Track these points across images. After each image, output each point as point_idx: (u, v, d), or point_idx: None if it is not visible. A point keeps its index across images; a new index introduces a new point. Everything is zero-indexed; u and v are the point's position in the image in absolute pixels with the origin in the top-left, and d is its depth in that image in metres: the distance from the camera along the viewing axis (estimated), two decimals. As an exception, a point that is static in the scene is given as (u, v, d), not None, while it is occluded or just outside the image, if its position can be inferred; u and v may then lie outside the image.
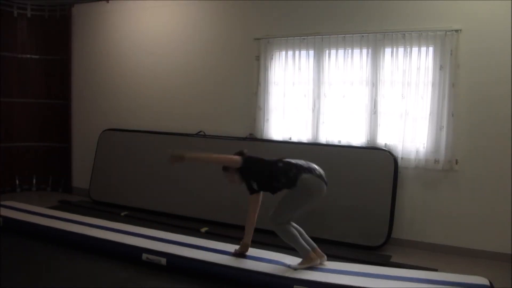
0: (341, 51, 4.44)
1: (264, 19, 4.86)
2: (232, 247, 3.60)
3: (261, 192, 3.40)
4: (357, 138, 4.41)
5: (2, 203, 4.78)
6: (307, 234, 4.26)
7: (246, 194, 4.66)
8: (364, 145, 4.35)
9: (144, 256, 3.40)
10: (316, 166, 3.21)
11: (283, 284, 2.95)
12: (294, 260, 3.26)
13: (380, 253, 4.00)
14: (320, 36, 4.51)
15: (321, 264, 3.22)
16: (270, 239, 4.21)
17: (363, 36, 4.33)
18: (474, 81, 3.96)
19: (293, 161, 3.23)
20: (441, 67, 4.03)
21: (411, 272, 3.20)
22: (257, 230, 4.46)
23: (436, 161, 4.08)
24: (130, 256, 3.50)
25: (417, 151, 4.16)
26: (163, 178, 5.22)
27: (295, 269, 3.10)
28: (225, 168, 3.38)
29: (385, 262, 3.70)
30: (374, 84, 4.28)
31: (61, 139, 6.30)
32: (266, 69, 4.77)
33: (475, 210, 3.98)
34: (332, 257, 3.66)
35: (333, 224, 4.22)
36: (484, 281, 2.94)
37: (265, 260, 3.32)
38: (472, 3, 3.95)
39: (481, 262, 3.83)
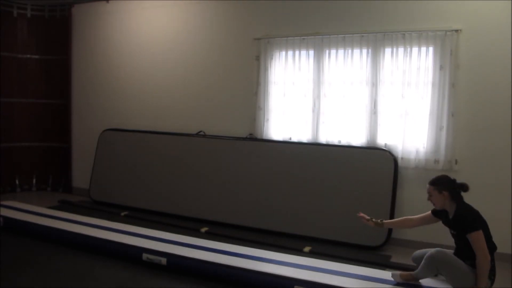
0: (341, 51, 4.44)
1: (264, 19, 4.86)
2: (232, 247, 3.61)
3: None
4: (357, 138, 4.41)
5: (2, 203, 4.78)
6: (305, 233, 4.30)
7: (246, 194, 4.69)
8: (364, 145, 4.35)
9: (145, 256, 3.40)
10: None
11: (284, 284, 2.95)
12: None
13: (380, 253, 4.00)
14: (320, 36, 4.51)
15: None
16: (271, 239, 4.22)
17: (363, 36, 4.33)
18: (474, 81, 3.96)
19: None
20: (441, 67, 4.03)
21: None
22: (257, 231, 4.49)
23: (436, 161, 4.08)
24: (131, 256, 3.50)
25: (417, 151, 4.16)
26: (163, 178, 5.22)
27: None
28: (437, 184, 3.03)
29: (385, 262, 3.70)
30: (374, 84, 4.28)
31: (61, 139, 6.30)
32: (266, 69, 4.78)
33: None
34: (332, 257, 3.67)
35: (333, 224, 4.22)
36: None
37: (266, 260, 3.32)
38: (472, 3, 3.95)
39: (481, 262, 3.82)
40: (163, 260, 3.33)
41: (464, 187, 3.00)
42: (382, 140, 4.30)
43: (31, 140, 6.32)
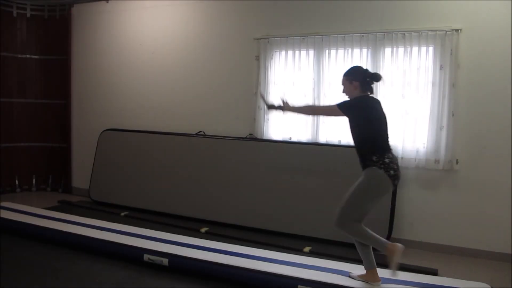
0: (341, 51, 4.44)
1: (264, 19, 4.85)
2: (234, 247, 3.61)
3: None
4: (357, 138, 4.41)
5: (1, 204, 4.76)
6: (305, 233, 4.30)
7: (246, 194, 4.69)
8: (364, 145, 4.34)
9: (146, 256, 3.40)
10: (396, 161, 2.98)
11: (287, 284, 2.95)
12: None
13: (380, 253, 3.99)
14: (320, 36, 4.51)
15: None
16: (270, 239, 4.22)
17: (363, 36, 4.33)
18: (474, 81, 3.97)
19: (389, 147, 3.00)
20: (441, 67, 4.03)
21: (411, 275, 3.21)
22: (257, 231, 4.49)
23: (436, 161, 4.09)
24: (132, 256, 3.49)
25: (417, 151, 4.16)
26: (163, 178, 5.22)
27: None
28: (349, 74, 3.08)
29: (385, 262, 3.69)
30: (374, 84, 4.27)
31: (61, 139, 6.29)
32: (266, 69, 4.77)
33: (475, 210, 3.99)
34: (332, 257, 3.68)
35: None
36: (484, 286, 2.94)
37: (268, 260, 3.33)
38: (472, 3, 3.95)
39: (481, 262, 3.83)
40: (165, 261, 3.33)
41: (375, 77, 3.05)
42: (382, 140, 4.30)
43: (31, 140, 6.32)
